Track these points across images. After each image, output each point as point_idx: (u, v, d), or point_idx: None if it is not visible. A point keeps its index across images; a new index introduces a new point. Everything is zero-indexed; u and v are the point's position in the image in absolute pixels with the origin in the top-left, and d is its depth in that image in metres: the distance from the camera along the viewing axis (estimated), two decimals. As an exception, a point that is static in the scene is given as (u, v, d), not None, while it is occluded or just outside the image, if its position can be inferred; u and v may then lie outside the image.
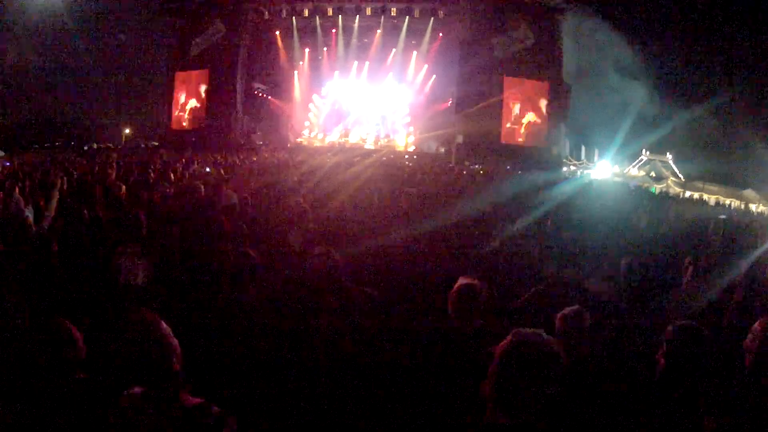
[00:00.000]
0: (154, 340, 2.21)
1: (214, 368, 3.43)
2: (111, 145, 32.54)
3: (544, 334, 2.09)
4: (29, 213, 6.69)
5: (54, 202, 6.52)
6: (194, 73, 34.58)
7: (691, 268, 5.12)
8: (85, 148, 29.97)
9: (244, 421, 2.42)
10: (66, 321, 2.75)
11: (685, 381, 2.71)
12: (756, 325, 3.20)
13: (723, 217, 9.29)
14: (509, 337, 2.07)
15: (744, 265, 4.94)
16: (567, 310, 3.52)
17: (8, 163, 14.73)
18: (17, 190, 9.30)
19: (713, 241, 8.09)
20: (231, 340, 3.66)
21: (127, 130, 36.46)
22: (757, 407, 2.84)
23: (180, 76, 34.86)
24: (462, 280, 3.87)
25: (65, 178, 10.10)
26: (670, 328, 2.89)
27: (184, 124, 34.82)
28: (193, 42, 34.38)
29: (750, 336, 3.20)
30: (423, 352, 3.92)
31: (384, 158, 23.93)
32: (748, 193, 24.61)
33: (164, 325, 2.31)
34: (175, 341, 2.32)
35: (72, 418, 2.52)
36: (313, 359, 3.46)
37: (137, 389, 2.29)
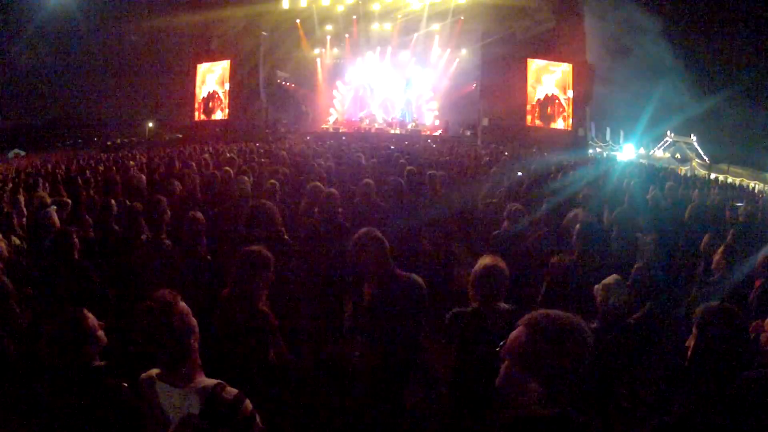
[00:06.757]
0: (172, 318, 2.20)
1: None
2: (134, 139, 32.86)
3: (562, 312, 1.87)
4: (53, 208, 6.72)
5: None
6: (216, 64, 34.70)
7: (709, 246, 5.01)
8: (108, 143, 30.29)
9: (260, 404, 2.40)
10: (83, 310, 2.76)
11: (717, 363, 2.61)
12: None
13: (740, 204, 9.17)
14: (530, 323, 1.86)
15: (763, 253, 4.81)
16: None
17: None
18: (41, 186, 9.48)
19: (734, 224, 7.96)
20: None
21: (151, 124, 36.71)
22: None
23: (202, 67, 35.01)
24: (484, 260, 3.58)
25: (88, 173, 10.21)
26: (700, 309, 2.79)
27: (208, 115, 34.98)
28: (215, 33, 34.47)
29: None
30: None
31: (407, 142, 23.81)
32: (772, 176, 24.19)
33: (183, 304, 2.31)
34: (194, 321, 2.32)
35: (91, 405, 2.54)
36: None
37: (155, 371, 2.29)
